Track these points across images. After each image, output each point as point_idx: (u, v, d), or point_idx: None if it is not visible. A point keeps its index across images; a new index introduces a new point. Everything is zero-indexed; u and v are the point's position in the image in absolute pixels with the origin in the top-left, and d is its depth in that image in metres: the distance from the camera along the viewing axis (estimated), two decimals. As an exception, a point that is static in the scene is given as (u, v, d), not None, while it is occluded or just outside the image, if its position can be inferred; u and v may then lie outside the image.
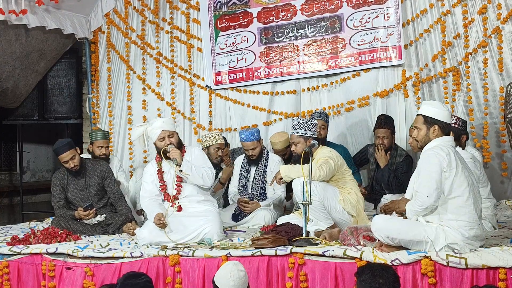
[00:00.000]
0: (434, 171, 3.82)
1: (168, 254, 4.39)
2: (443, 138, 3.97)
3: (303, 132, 4.97)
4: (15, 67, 6.95)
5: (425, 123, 4.00)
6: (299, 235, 4.36)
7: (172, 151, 4.86)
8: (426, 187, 3.83)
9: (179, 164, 4.84)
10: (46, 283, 4.61)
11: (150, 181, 5.05)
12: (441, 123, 3.98)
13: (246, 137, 5.79)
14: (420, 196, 3.85)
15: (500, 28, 6.11)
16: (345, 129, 6.75)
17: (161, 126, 4.96)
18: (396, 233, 3.91)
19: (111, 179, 5.60)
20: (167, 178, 5.01)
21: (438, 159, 3.83)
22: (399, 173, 5.90)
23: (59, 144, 5.40)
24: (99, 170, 5.55)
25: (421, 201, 3.85)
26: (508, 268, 3.67)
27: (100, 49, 7.69)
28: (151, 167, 5.11)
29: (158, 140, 4.96)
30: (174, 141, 4.95)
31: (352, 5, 6.60)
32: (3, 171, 9.18)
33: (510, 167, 6.11)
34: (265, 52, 6.97)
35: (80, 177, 5.51)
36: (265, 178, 5.77)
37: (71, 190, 5.52)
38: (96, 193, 5.54)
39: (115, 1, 7.55)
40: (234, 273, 3.26)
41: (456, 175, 3.83)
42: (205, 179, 4.94)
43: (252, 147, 5.76)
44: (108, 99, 7.61)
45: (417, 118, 4.08)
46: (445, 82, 6.33)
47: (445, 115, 4.01)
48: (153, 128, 4.97)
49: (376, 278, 3.00)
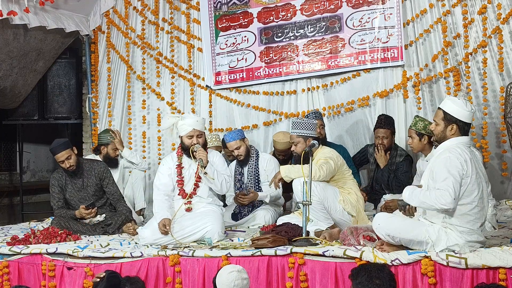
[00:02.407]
0: (458, 175, 3.73)
1: (168, 254, 4.40)
2: (460, 138, 3.89)
3: (303, 132, 4.97)
4: (12, 66, 6.95)
5: (444, 120, 3.90)
6: (299, 235, 4.36)
7: (200, 152, 4.86)
8: (453, 190, 3.70)
9: (205, 166, 4.85)
10: (46, 283, 4.62)
11: (167, 173, 5.04)
12: (461, 123, 3.88)
13: (229, 138, 5.82)
14: (447, 197, 3.69)
15: (500, 28, 6.10)
16: (345, 129, 6.75)
17: (193, 124, 4.95)
18: (397, 232, 3.90)
19: (109, 180, 5.59)
20: (185, 174, 5.02)
21: (460, 163, 3.75)
22: (399, 173, 5.90)
23: (56, 144, 5.40)
24: (96, 171, 5.54)
25: (446, 201, 3.69)
26: (508, 268, 3.67)
27: (100, 49, 7.68)
28: (171, 160, 5.10)
29: (186, 136, 4.95)
30: (201, 141, 4.97)
31: (351, 5, 6.60)
32: (3, 171, 9.19)
33: (510, 167, 6.10)
34: (265, 52, 6.97)
35: (77, 178, 5.51)
36: (258, 176, 5.78)
37: (69, 190, 5.52)
38: (94, 194, 5.54)
39: (114, 0, 7.55)
40: (238, 282, 3.23)
41: (470, 183, 3.78)
42: (223, 186, 4.99)
43: (236, 146, 5.76)
44: (108, 99, 7.60)
45: (438, 112, 3.98)
46: (447, 83, 6.33)
47: (466, 115, 3.90)
48: (184, 124, 4.96)
49: (373, 279, 2.96)
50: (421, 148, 5.26)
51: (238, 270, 3.30)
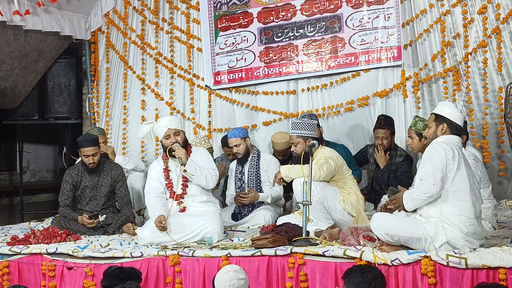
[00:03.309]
0: (440, 161, 3.85)
1: (168, 254, 4.40)
2: (450, 136, 4.00)
3: (303, 132, 4.97)
4: (13, 66, 6.96)
5: (435, 121, 4.06)
6: (299, 235, 4.36)
7: (178, 150, 4.88)
8: (432, 176, 3.84)
9: (184, 164, 4.86)
10: (46, 283, 4.61)
11: (156, 178, 5.06)
12: (451, 122, 4.01)
13: (231, 134, 5.84)
14: (426, 184, 3.86)
15: (500, 28, 6.10)
16: (344, 129, 6.74)
17: (167, 124, 4.98)
18: (395, 230, 3.92)
19: (123, 183, 5.66)
20: (173, 176, 5.02)
21: (444, 150, 3.87)
22: (399, 173, 5.90)
23: (86, 138, 5.56)
24: (113, 172, 5.62)
25: (426, 189, 3.85)
26: (508, 268, 3.68)
27: (100, 49, 7.68)
28: (157, 164, 5.13)
29: (164, 138, 4.98)
30: (180, 139, 4.97)
31: (351, 5, 6.60)
32: (3, 171, 9.19)
33: (509, 167, 6.11)
34: (264, 52, 6.96)
35: (94, 175, 5.56)
36: (259, 176, 5.78)
37: (82, 186, 5.55)
38: (106, 194, 5.60)
39: (114, 1, 7.55)
40: (234, 282, 3.24)
41: (459, 169, 3.86)
42: (209, 180, 4.96)
43: (235, 143, 5.76)
44: (108, 99, 7.60)
45: (430, 116, 4.17)
46: (445, 82, 6.33)
47: (456, 116, 4.04)
48: (159, 126, 5.00)
49: (365, 273, 3.08)
50: (421, 148, 5.25)
51: (235, 270, 3.30)
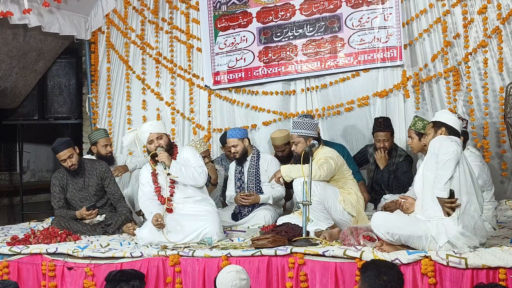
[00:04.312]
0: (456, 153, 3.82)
1: (168, 254, 4.40)
2: (451, 136, 4.04)
3: (303, 132, 4.97)
4: (12, 65, 6.95)
5: (434, 127, 4.19)
6: (299, 235, 4.36)
7: (160, 155, 4.90)
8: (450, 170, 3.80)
9: (168, 167, 4.87)
10: (46, 283, 4.61)
11: (146, 182, 5.09)
12: (449, 127, 4.13)
13: (230, 134, 5.85)
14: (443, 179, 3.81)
15: (500, 28, 6.10)
16: (344, 129, 6.73)
17: (149, 129, 5.02)
18: (396, 229, 3.91)
19: (110, 180, 5.60)
20: (160, 180, 5.03)
21: (456, 143, 3.86)
22: (399, 173, 5.90)
23: (58, 143, 5.43)
24: (98, 171, 5.56)
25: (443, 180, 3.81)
26: (508, 268, 3.68)
27: (100, 49, 7.68)
28: (146, 170, 5.15)
29: (147, 143, 5.02)
30: (163, 143, 4.99)
31: (351, 5, 6.59)
32: (3, 171, 9.19)
33: (510, 167, 6.11)
34: (263, 52, 6.96)
35: (79, 177, 5.52)
36: (259, 176, 5.78)
37: (70, 190, 5.52)
38: (95, 193, 5.54)
39: (115, 2, 7.55)
40: (236, 282, 3.23)
41: (463, 164, 3.87)
42: (196, 178, 4.96)
43: (233, 144, 5.78)
44: (108, 99, 7.60)
45: (427, 126, 4.32)
46: (446, 83, 6.33)
47: (453, 120, 4.17)
48: (142, 132, 5.05)
49: (381, 275, 3.01)
50: (421, 148, 5.24)
51: (237, 270, 3.30)
